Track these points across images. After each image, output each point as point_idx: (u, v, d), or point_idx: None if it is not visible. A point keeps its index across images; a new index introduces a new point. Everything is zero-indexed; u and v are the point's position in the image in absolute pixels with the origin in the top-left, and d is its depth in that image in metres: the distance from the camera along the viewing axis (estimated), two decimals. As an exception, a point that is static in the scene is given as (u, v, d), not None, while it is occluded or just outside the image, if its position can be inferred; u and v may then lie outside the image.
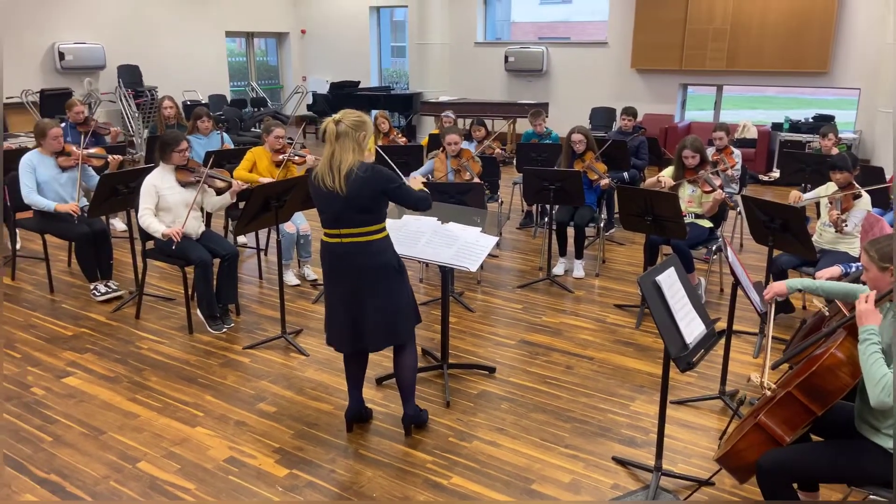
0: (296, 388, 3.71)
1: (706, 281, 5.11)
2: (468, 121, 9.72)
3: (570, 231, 5.57)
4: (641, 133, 6.94)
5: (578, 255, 5.53)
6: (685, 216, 4.66)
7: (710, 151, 5.96)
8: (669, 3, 10.30)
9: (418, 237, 3.57)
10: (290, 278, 5.21)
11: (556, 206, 5.50)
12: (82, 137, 5.48)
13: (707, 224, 4.90)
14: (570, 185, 5.01)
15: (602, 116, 10.74)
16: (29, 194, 4.74)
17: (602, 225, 5.88)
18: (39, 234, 5.08)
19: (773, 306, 2.82)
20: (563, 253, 5.62)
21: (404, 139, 7.08)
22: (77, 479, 2.92)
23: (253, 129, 11.63)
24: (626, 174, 6.45)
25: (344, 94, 12.48)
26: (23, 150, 5.38)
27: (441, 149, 5.66)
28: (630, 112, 6.94)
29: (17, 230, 5.38)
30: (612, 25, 11.09)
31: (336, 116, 2.91)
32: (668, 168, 5.06)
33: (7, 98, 9.62)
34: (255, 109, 12.69)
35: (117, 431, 3.27)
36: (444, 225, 3.65)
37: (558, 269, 5.57)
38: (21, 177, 4.78)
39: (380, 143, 6.61)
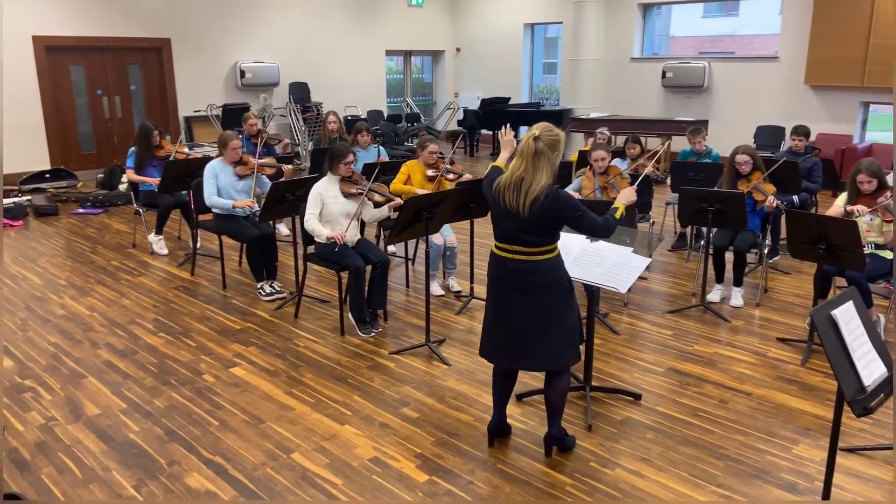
0: (437, 395, 3.79)
1: (886, 318, 4.60)
2: (621, 138, 9.49)
3: (729, 256, 5.24)
4: (815, 154, 6.39)
5: (737, 283, 5.19)
6: (863, 246, 4.23)
7: (890, 177, 5.37)
8: (851, 17, 9.44)
9: (565, 255, 3.53)
10: (436, 289, 5.35)
11: (714, 229, 5.20)
12: (257, 148, 5.99)
13: (888, 255, 4.41)
14: (732, 206, 4.72)
15: (768, 135, 10.03)
16: (210, 196, 5.26)
17: (766, 251, 5.48)
18: (217, 235, 5.61)
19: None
20: (719, 279, 5.31)
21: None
22: (238, 462, 3.16)
23: (406, 143, 12.12)
24: (795, 198, 5.97)
25: (494, 111, 12.66)
26: (206, 159, 5.99)
27: (589, 166, 5.58)
28: (802, 131, 6.42)
29: (198, 231, 5.97)
30: (785, 39, 10.36)
31: (534, 131, 2.85)
32: (841, 196, 4.63)
33: (194, 111, 10.77)
34: (410, 124, 13.20)
35: (275, 422, 3.51)
36: (593, 243, 3.58)
37: (714, 296, 5.26)
38: (205, 182, 5.31)
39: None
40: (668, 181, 6.51)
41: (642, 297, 5.36)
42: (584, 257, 3.50)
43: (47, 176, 9.27)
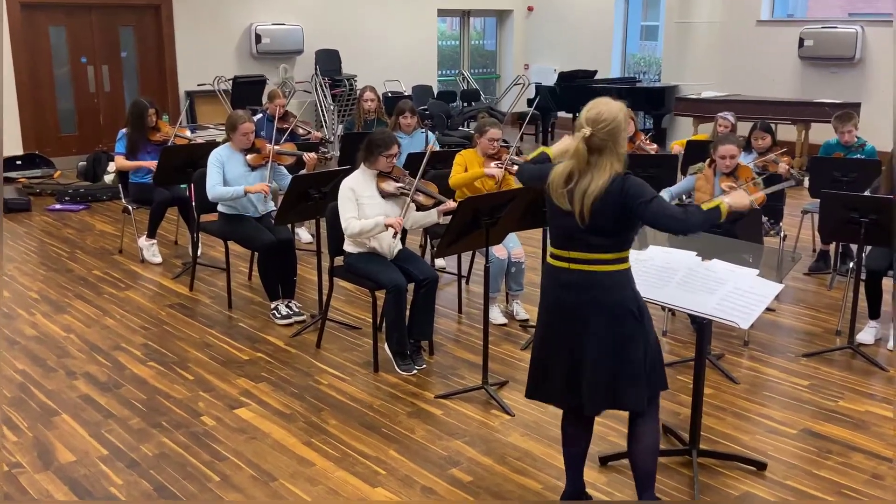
0: (496, 454, 3.77)
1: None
2: (745, 126, 9.31)
3: (887, 283, 5.10)
4: None
5: (897, 318, 5.04)
6: None
7: None
8: None
9: (668, 275, 3.48)
10: (497, 315, 5.35)
11: (868, 248, 5.07)
12: (276, 135, 6.12)
13: None
14: (893, 217, 4.59)
15: (942, 123, 9.71)
16: (213, 188, 5.34)
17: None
18: (222, 241, 5.74)
19: None
20: (874, 314, 5.15)
21: (654, 146, 6.98)
22: (243, 529, 3.23)
23: (461, 128, 12.21)
24: None
25: (575, 87, 12.62)
26: (211, 145, 6.15)
27: (708, 162, 5.47)
28: None
29: (199, 235, 6.12)
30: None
31: (584, 129, 2.90)
32: None
33: (198, 85, 11.08)
34: (466, 104, 13.30)
35: (289, 479, 3.56)
36: (706, 262, 3.52)
37: (866, 336, 5.11)
38: (208, 171, 5.41)
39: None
40: (806, 182, 6.37)
41: (769, 335, 5.25)
42: (692, 280, 3.45)
43: (18, 163, 9.67)
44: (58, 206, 8.50)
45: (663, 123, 12.00)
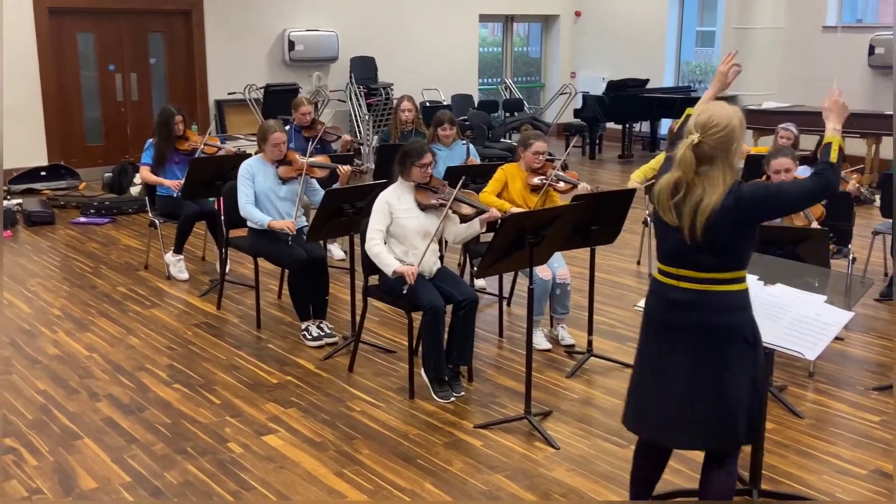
0: (540, 490, 3.75)
1: None
2: (809, 139, 9.20)
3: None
4: None
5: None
6: None
7: None
8: None
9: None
10: (540, 340, 5.32)
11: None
12: (309, 144, 6.18)
13: None
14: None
15: None
16: (245, 204, 5.42)
17: None
18: (251, 258, 5.80)
19: None
20: (952, 344, 5.05)
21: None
22: (270, 564, 3.24)
23: (503, 140, 12.24)
24: None
25: (625, 97, 12.61)
26: (241, 156, 6.24)
27: (764, 177, 5.43)
28: None
29: (228, 251, 6.19)
30: None
31: (693, 135, 2.82)
32: None
33: (228, 94, 11.25)
34: (508, 114, 13.32)
35: (319, 512, 3.58)
36: (768, 287, 3.48)
37: (942, 368, 4.99)
38: (238, 185, 5.49)
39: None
40: (877, 201, 6.26)
41: (836, 367, 5.16)
42: (754, 305, 3.41)
43: (43, 174, 9.88)
44: (82, 220, 8.67)
45: (720, 136, 11.88)
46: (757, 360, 2.97)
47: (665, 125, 12.93)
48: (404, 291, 4.50)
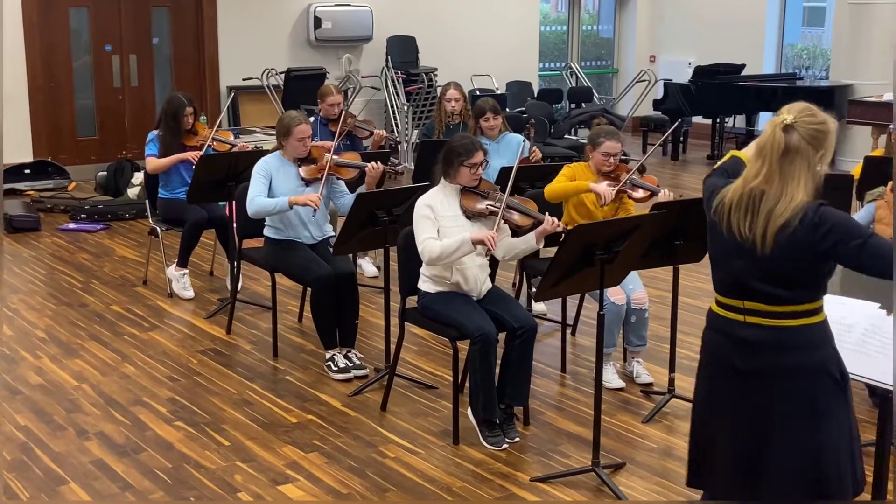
0: (609, 558, 3.72)
1: None
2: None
3: None
4: None
5: None
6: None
7: None
8: None
9: (842, 333, 3.38)
10: (611, 377, 5.27)
11: None
12: (335, 139, 6.21)
13: None
14: None
15: None
16: (254, 199, 5.37)
17: None
18: (268, 273, 5.83)
19: None
20: None
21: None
22: None
23: (567, 136, 12.18)
24: None
25: (716, 86, 12.49)
26: (258, 153, 6.24)
27: (890, 186, 5.34)
28: None
29: (240, 264, 6.24)
30: None
31: (786, 116, 2.87)
32: None
33: (243, 80, 11.33)
34: (574, 105, 13.29)
35: (344, 578, 3.58)
36: (891, 317, 3.41)
37: None
38: (252, 181, 5.48)
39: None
40: None
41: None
42: (872, 340, 3.35)
43: (27, 172, 10.03)
44: (72, 226, 8.78)
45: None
46: (848, 402, 2.98)
47: (763, 120, 12.78)
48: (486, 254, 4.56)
